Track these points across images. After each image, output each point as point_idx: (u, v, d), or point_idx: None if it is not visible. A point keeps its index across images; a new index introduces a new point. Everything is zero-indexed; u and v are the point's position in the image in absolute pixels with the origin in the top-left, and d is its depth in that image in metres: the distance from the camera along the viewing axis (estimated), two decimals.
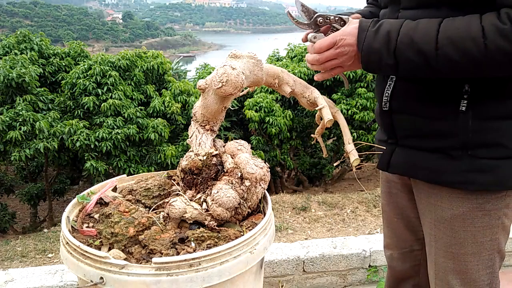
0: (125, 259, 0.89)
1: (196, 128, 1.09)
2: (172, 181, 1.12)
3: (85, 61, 6.16)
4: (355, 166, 1.05)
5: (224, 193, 0.96)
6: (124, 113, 5.58)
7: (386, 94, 1.05)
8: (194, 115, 1.10)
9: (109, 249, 0.93)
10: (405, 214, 1.23)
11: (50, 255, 3.20)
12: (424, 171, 1.02)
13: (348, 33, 0.90)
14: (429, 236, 1.10)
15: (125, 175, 1.24)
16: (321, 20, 0.90)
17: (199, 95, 1.07)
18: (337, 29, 0.90)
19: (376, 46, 0.88)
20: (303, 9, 0.90)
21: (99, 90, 5.69)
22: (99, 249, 0.93)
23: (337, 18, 0.90)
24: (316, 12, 0.90)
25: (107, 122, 5.43)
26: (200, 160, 1.03)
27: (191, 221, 0.98)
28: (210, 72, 2.04)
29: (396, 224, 1.27)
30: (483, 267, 1.03)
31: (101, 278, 0.84)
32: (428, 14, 0.90)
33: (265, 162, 1.06)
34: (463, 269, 1.04)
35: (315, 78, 1.04)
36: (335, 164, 6.93)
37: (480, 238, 1.01)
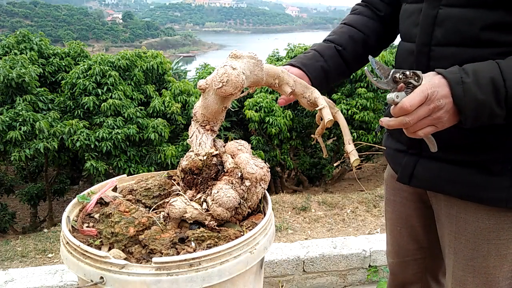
0: (125, 259, 0.89)
1: (196, 128, 1.09)
2: (172, 181, 1.12)
3: (85, 61, 6.17)
4: (355, 166, 1.04)
5: (224, 193, 0.97)
6: (124, 113, 5.58)
7: None
8: (194, 115, 1.10)
9: (109, 249, 0.93)
10: (409, 223, 1.20)
11: (50, 255, 3.20)
12: (455, 186, 0.96)
13: (437, 85, 0.79)
14: (447, 248, 1.05)
15: (125, 175, 1.24)
16: (400, 76, 0.81)
17: (199, 95, 1.07)
18: (414, 85, 0.80)
19: (483, 98, 0.77)
20: (378, 66, 0.83)
21: (99, 90, 5.70)
22: (99, 249, 0.93)
23: (411, 74, 0.81)
24: (391, 69, 0.82)
25: (107, 122, 5.44)
26: (200, 160, 1.03)
27: (191, 221, 0.98)
28: (210, 72, 2.05)
29: (399, 233, 1.24)
30: (503, 278, 1.00)
31: (101, 277, 0.84)
32: (477, 14, 0.84)
33: (265, 162, 1.06)
34: (483, 282, 1.00)
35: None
36: (335, 164, 6.93)
37: (504, 250, 0.97)
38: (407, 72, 0.81)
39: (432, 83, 0.79)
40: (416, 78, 0.81)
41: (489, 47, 0.85)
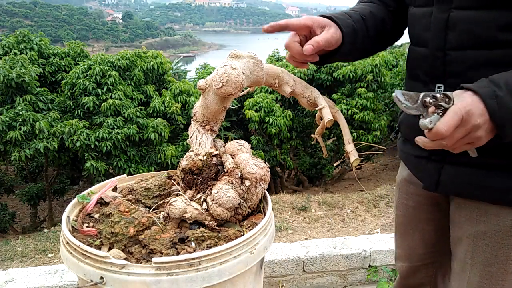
0: (125, 259, 0.89)
1: (196, 128, 1.09)
2: (172, 181, 1.12)
3: (85, 61, 6.17)
4: (355, 166, 1.04)
5: (224, 193, 0.97)
6: (124, 113, 5.58)
7: None
8: (194, 115, 1.10)
9: (109, 249, 0.93)
10: (421, 227, 1.18)
11: (50, 255, 3.20)
12: (486, 190, 0.93)
13: (470, 104, 0.75)
14: (464, 252, 1.02)
15: (125, 175, 1.24)
16: (430, 101, 0.77)
17: (199, 95, 1.07)
18: (444, 107, 0.76)
19: None
20: (406, 97, 0.79)
21: (99, 90, 5.69)
22: (99, 249, 0.93)
23: (442, 96, 0.77)
24: (420, 93, 0.78)
25: (107, 122, 5.44)
26: (200, 160, 1.03)
27: (191, 221, 0.98)
28: (210, 72, 2.04)
29: (411, 237, 1.22)
30: None
31: (101, 277, 0.84)
32: (492, 15, 0.82)
33: (265, 162, 1.06)
34: None
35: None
36: (335, 164, 6.93)
37: None
38: (438, 95, 0.77)
39: (465, 102, 0.75)
40: (447, 99, 0.77)
41: (506, 48, 0.84)
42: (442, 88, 0.88)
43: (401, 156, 1.17)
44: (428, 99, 0.77)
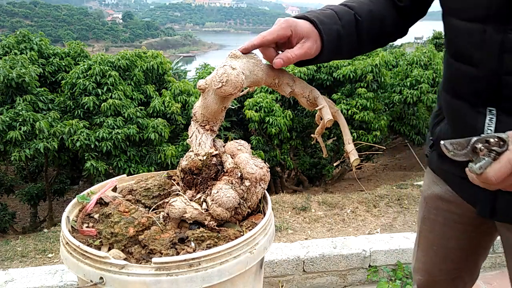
0: (125, 259, 0.89)
1: (196, 128, 1.09)
2: (172, 181, 1.12)
3: (85, 61, 6.17)
4: (355, 166, 1.04)
5: (224, 193, 0.96)
6: (124, 113, 5.58)
7: (488, 130, 0.85)
8: (194, 115, 1.09)
9: (109, 249, 0.93)
10: (448, 244, 1.15)
11: (50, 255, 3.20)
12: None
13: None
14: None
15: (125, 175, 1.24)
16: (482, 147, 0.71)
17: (199, 95, 1.07)
18: (497, 152, 0.71)
19: None
20: (454, 146, 0.73)
21: (99, 90, 5.69)
22: (99, 249, 0.93)
23: (496, 140, 0.71)
24: (471, 138, 0.72)
25: (107, 122, 5.44)
26: (200, 160, 1.03)
27: (191, 221, 0.98)
28: (210, 72, 2.04)
29: (434, 253, 1.18)
30: None
31: (101, 278, 0.84)
32: None
33: (265, 162, 1.06)
34: None
35: None
36: (335, 164, 6.93)
37: None
38: (491, 140, 0.70)
39: None
40: (501, 143, 0.70)
41: None
42: (494, 111, 0.83)
43: (438, 173, 1.10)
44: (479, 146, 0.71)
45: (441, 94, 1.04)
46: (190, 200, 1.00)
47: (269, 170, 1.06)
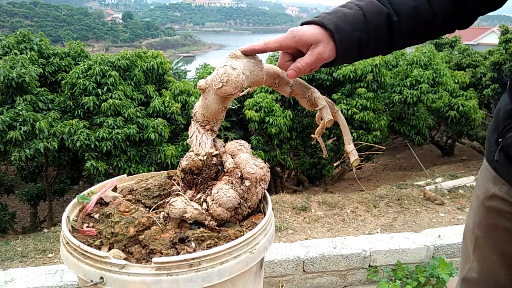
0: (125, 259, 0.89)
1: (196, 128, 1.09)
2: (172, 181, 1.12)
3: (85, 61, 6.16)
4: (355, 166, 1.04)
5: (224, 193, 0.97)
6: (124, 113, 5.58)
7: None
8: (194, 115, 1.10)
9: (109, 249, 0.93)
10: (509, 251, 1.07)
11: (50, 255, 3.20)
12: None
13: None
14: None
15: (125, 175, 1.24)
16: None
17: (199, 95, 1.07)
18: None
19: None
20: None
21: (99, 90, 5.69)
22: (99, 249, 0.93)
23: None
24: None
25: (107, 122, 5.43)
26: (200, 160, 1.03)
27: (191, 221, 0.98)
28: (210, 72, 2.04)
29: (493, 261, 1.10)
30: None
31: (101, 278, 0.84)
32: None
33: (265, 162, 1.06)
34: None
35: None
36: (335, 164, 6.93)
37: None
38: None
39: None
40: None
41: None
42: None
43: (509, 181, 1.01)
44: None
45: None
46: (191, 200, 1.00)
47: (269, 170, 1.06)
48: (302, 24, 0.89)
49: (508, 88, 0.97)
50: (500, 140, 0.97)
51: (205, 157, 1.03)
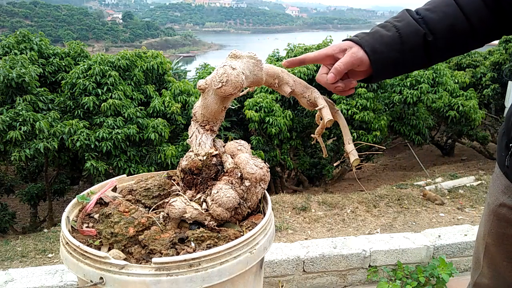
0: (125, 259, 0.89)
1: (196, 128, 1.09)
2: (172, 181, 1.12)
3: (85, 61, 6.16)
4: (355, 166, 1.04)
5: (224, 193, 0.97)
6: (124, 113, 5.58)
7: None
8: (194, 115, 1.10)
9: (109, 249, 0.93)
10: None
11: (50, 255, 3.20)
12: None
13: None
14: None
15: (125, 175, 1.24)
16: None
17: (199, 95, 1.07)
18: None
19: None
20: None
21: (99, 90, 5.69)
22: (99, 249, 0.93)
23: None
24: None
25: (107, 122, 5.43)
26: (200, 160, 1.03)
27: (191, 221, 0.98)
28: (210, 72, 2.04)
29: (504, 268, 1.11)
30: None
31: (101, 278, 0.84)
32: None
33: (265, 162, 1.06)
34: None
35: None
36: (335, 164, 6.93)
37: None
38: None
39: None
40: None
41: None
42: None
43: None
44: None
45: None
46: (190, 200, 1.00)
47: (269, 170, 1.06)
48: (344, 40, 0.94)
49: None
50: (510, 145, 0.97)
51: (205, 157, 1.03)
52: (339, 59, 0.90)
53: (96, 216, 1.03)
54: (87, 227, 1.00)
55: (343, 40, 0.94)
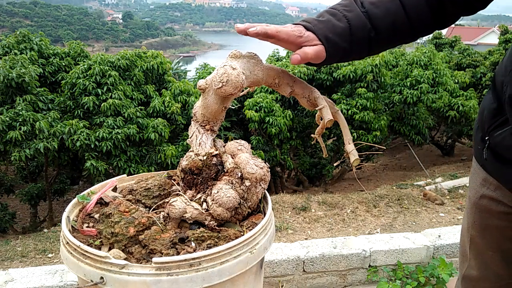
0: (125, 259, 0.89)
1: (196, 128, 1.09)
2: (172, 181, 1.12)
3: (85, 61, 6.16)
4: (355, 166, 1.04)
5: (224, 193, 0.97)
6: (124, 113, 5.58)
7: None
8: (194, 115, 1.10)
9: (109, 249, 0.93)
10: (504, 246, 1.11)
11: (50, 255, 3.20)
12: None
13: None
14: None
15: (125, 175, 1.24)
16: None
17: (199, 95, 1.07)
18: None
19: None
20: None
21: (99, 90, 5.69)
22: (99, 249, 0.93)
23: None
24: None
25: (107, 122, 5.43)
26: (200, 160, 1.03)
27: (191, 221, 0.98)
28: (210, 72, 2.04)
29: (491, 258, 1.14)
30: None
31: (102, 278, 0.84)
32: None
33: (265, 162, 1.06)
34: None
35: None
36: (335, 164, 6.93)
37: None
38: None
39: None
40: None
41: None
42: None
43: (496, 176, 1.04)
44: None
45: (504, 87, 0.91)
46: (191, 200, 1.00)
47: (269, 170, 1.06)
48: (294, 24, 0.93)
49: (491, 87, 1.01)
50: (486, 138, 1.00)
51: (205, 157, 1.03)
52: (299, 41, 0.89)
53: (97, 216, 1.03)
54: (87, 227, 1.00)
55: (294, 24, 0.92)
